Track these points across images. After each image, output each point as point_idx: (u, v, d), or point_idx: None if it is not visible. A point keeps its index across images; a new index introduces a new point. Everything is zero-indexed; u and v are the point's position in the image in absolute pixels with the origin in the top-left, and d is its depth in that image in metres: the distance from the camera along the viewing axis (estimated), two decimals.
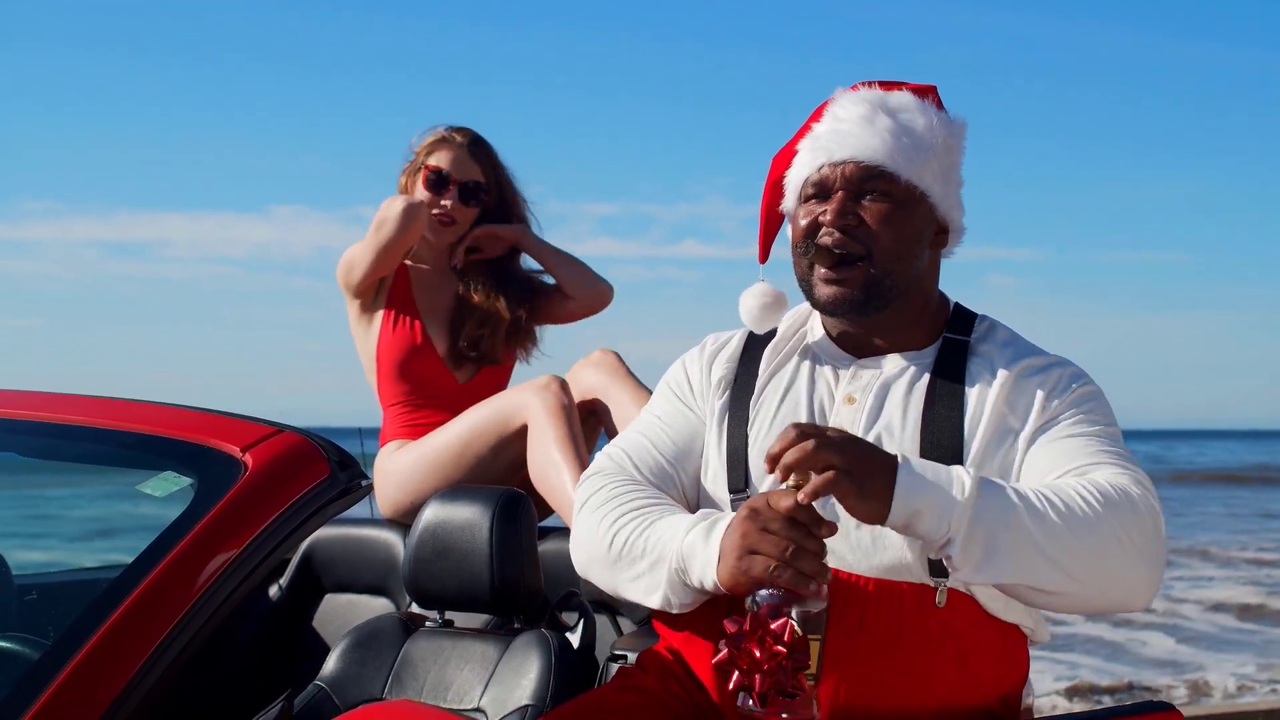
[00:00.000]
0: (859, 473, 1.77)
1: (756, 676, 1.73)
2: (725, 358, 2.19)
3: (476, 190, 3.50)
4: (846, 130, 2.07)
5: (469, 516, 2.62)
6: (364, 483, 2.04)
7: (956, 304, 2.20)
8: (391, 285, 3.52)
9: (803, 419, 2.06)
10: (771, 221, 2.23)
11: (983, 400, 2.02)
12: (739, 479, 2.06)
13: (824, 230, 2.06)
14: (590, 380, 3.26)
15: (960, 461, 1.97)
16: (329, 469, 1.96)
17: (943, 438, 1.99)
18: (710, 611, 2.01)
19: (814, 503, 1.78)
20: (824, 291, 2.07)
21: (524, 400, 3.17)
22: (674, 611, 1.99)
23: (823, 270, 2.07)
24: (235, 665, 3.30)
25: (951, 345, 2.10)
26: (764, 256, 2.24)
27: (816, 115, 2.15)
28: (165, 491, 1.88)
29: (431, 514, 2.65)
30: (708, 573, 1.87)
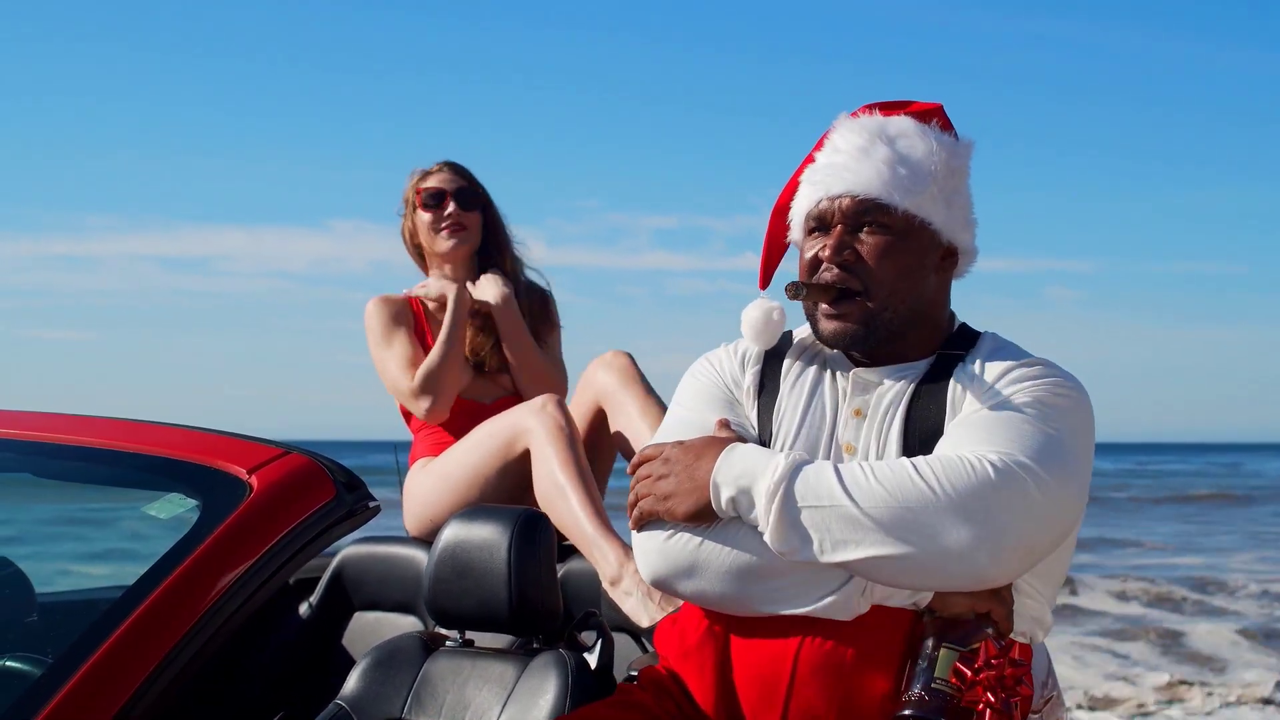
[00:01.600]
0: (681, 483, 1.96)
1: (1003, 696, 1.88)
2: (752, 361, 2.19)
3: (472, 193, 3.63)
4: (842, 164, 2.07)
5: (488, 536, 2.62)
6: (371, 504, 2.05)
7: (963, 324, 2.19)
8: (412, 325, 3.60)
9: (823, 437, 2.07)
10: (774, 249, 2.23)
11: (960, 399, 2.02)
12: None
13: (823, 266, 2.07)
14: (602, 381, 3.28)
15: None
16: (335, 491, 1.97)
17: (923, 435, 2.00)
18: (708, 632, 2.02)
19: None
20: (825, 327, 2.09)
21: (523, 424, 3.21)
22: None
23: (823, 305, 2.08)
24: (265, 682, 3.33)
25: (945, 359, 2.09)
26: (765, 283, 2.24)
27: (820, 144, 2.15)
28: (170, 513, 1.90)
29: (451, 534, 2.66)
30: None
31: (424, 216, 3.59)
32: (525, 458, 3.19)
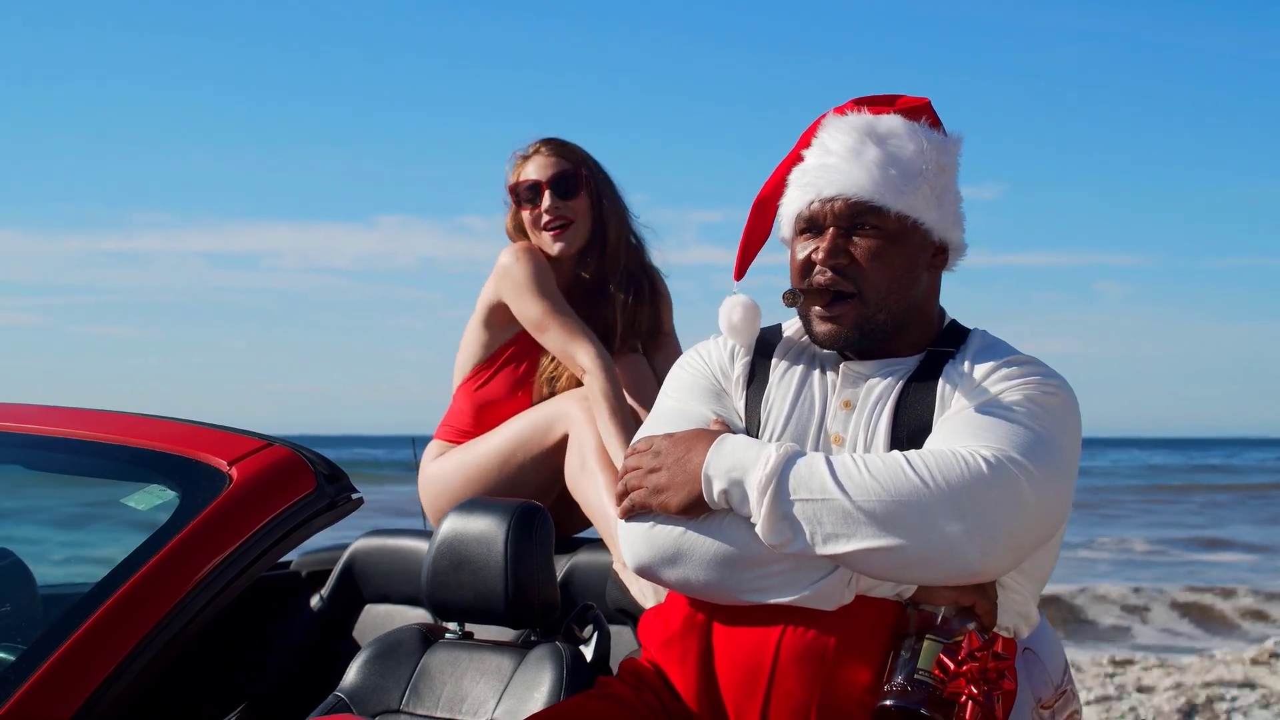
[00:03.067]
0: (673, 476, 1.96)
1: (986, 689, 1.87)
2: (742, 352, 2.19)
3: (569, 178, 3.31)
4: (834, 165, 2.06)
5: (485, 529, 2.63)
6: (354, 496, 2.06)
7: (952, 320, 2.18)
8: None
9: (811, 427, 2.07)
10: (752, 242, 2.22)
11: (950, 394, 2.02)
12: None
13: (817, 269, 2.06)
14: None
15: None
16: (316, 483, 1.98)
17: (911, 429, 2.00)
18: (691, 621, 2.02)
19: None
20: (819, 329, 2.09)
21: (565, 409, 3.14)
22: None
23: (817, 308, 2.08)
24: (277, 674, 3.35)
25: (935, 355, 2.09)
26: (740, 274, 2.24)
27: (806, 139, 2.14)
28: (149, 505, 1.92)
29: (449, 526, 2.67)
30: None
31: (525, 215, 3.32)
32: (563, 446, 3.11)
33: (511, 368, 3.36)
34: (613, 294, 3.34)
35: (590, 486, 3.04)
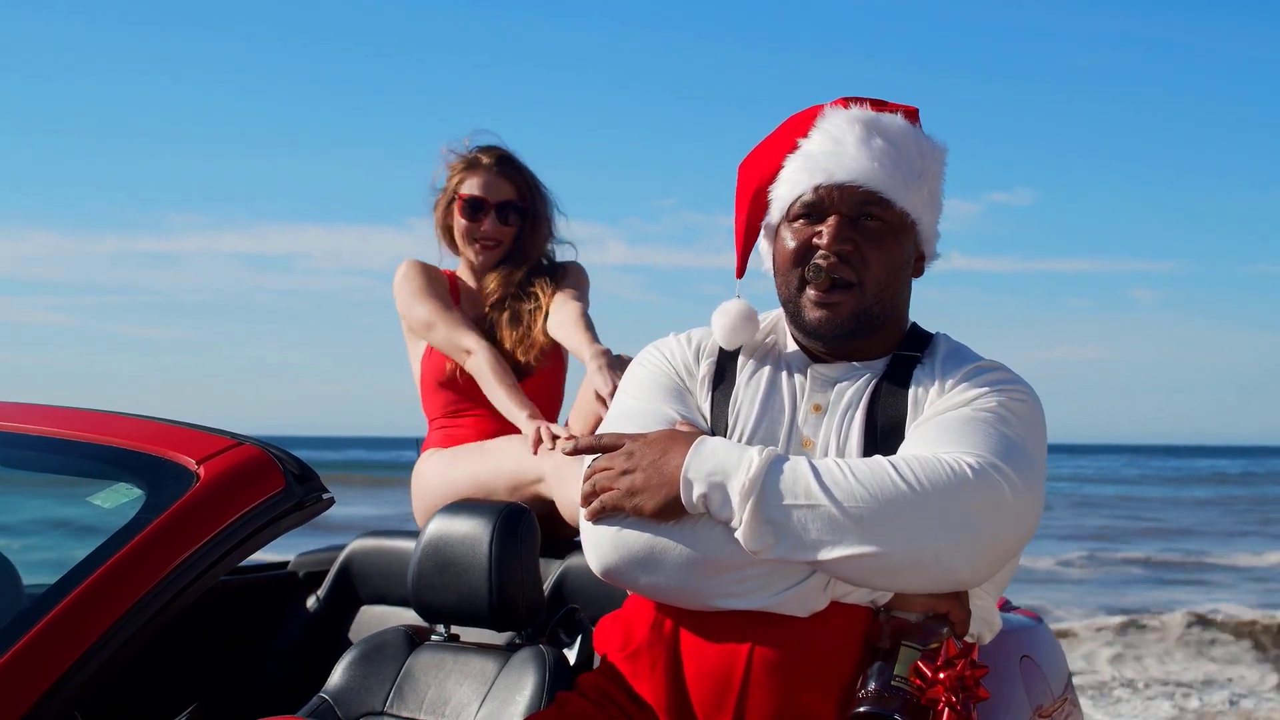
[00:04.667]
0: (649, 478, 1.91)
1: (962, 696, 1.84)
2: (706, 352, 2.15)
3: (511, 209, 3.51)
4: (844, 152, 2.02)
5: (469, 531, 2.62)
6: (325, 496, 2.04)
7: (913, 324, 2.16)
8: (447, 297, 3.54)
9: (781, 430, 2.03)
10: (750, 235, 2.17)
11: (921, 399, 2.00)
12: None
13: (820, 253, 2.02)
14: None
15: None
16: (284, 482, 1.96)
17: (883, 433, 1.98)
18: (656, 629, 1.99)
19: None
20: (813, 315, 2.04)
21: (539, 469, 3.15)
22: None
23: (814, 293, 2.03)
24: (272, 674, 3.35)
25: (901, 359, 2.07)
26: (741, 271, 2.19)
27: (800, 129, 2.09)
28: (115, 503, 1.91)
29: (434, 528, 2.66)
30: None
31: (460, 221, 3.51)
32: (537, 493, 3.17)
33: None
34: (514, 302, 3.49)
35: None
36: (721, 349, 2.14)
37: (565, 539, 3.25)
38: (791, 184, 2.06)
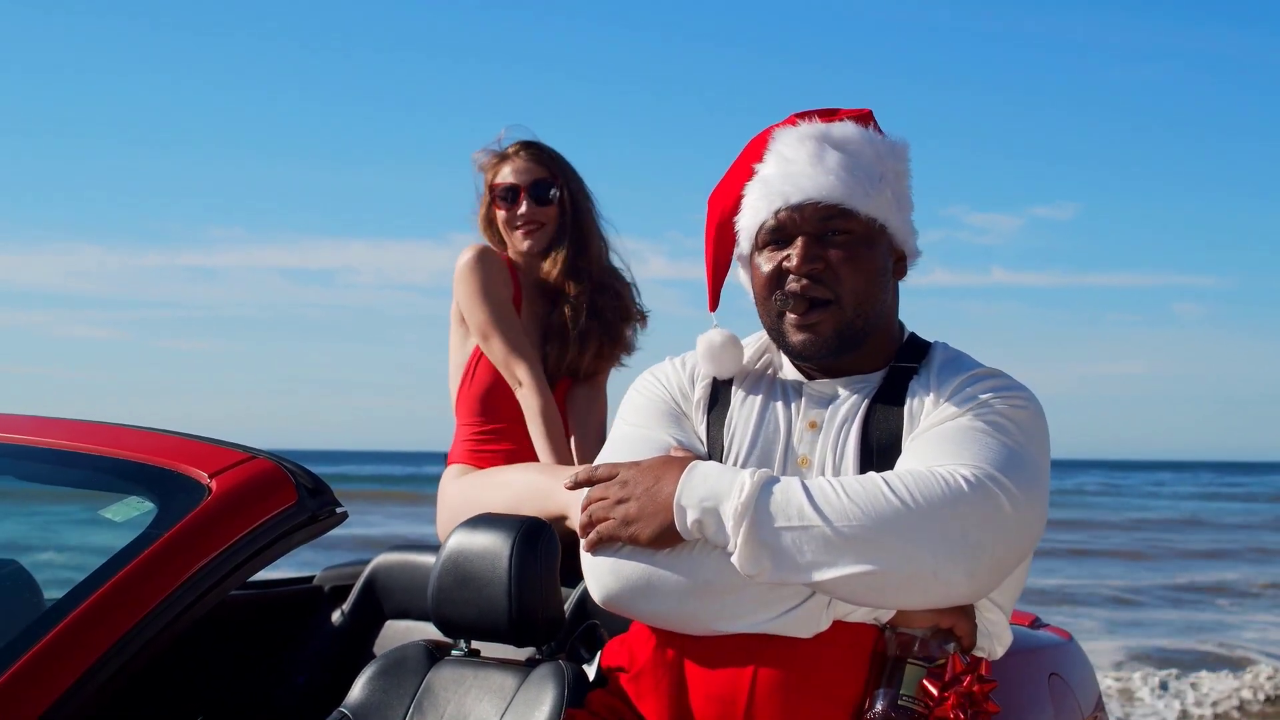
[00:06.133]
0: (643, 506, 1.90)
1: (972, 711, 1.83)
2: (701, 375, 2.14)
3: (546, 187, 3.48)
4: (798, 171, 2.01)
5: (489, 545, 2.60)
6: (338, 510, 2.04)
7: (911, 334, 2.13)
8: (512, 290, 3.48)
9: (777, 450, 2.02)
10: (719, 267, 2.17)
11: (917, 411, 1.97)
12: None
13: (791, 277, 2.01)
14: None
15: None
16: (296, 496, 1.96)
17: (880, 448, 1.95)
18: (659, 653, 1.97)
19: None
20: (796, 338, 2.03)
21: (563, 504, 3.10)
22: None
23: (793, 317, 2.02)
24: (299, 689, 3.35)
25: (898, 371, 2.04)
26: (714, 304, 2.19)
27: (755, 155, 2.08)
28: (126, 516, 1.91)
29: (454, 542, 2.64)
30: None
31: (499, 213, 3.49)
32: (561, 529, 3.11)
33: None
34: (572, 293, 3.46)
35: None
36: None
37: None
38: (753, 211, 2.06)
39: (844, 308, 2.00)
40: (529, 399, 3.32)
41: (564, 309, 3.45)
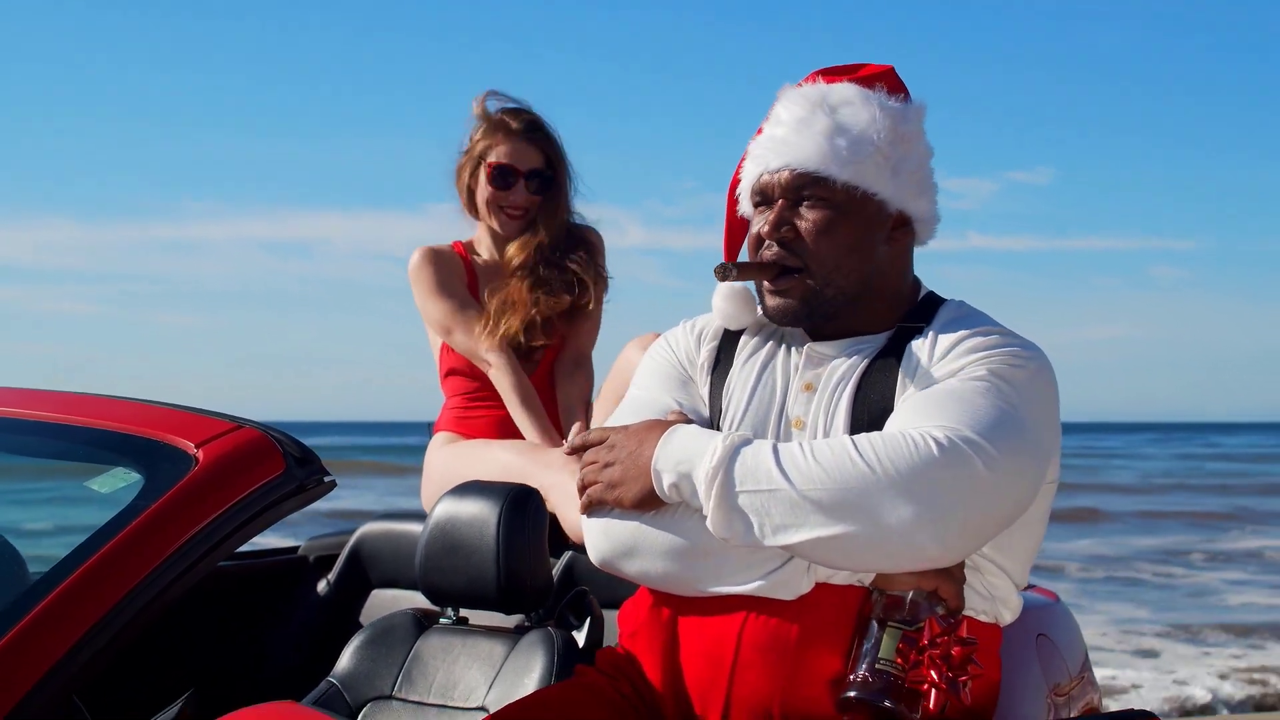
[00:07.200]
0: (626, 470, 1.92)
1: (949, 675, 1.82)
2: (709, 337, 2.15)
3: (542, 177, 3.44)
4: (781, 136, 2.01)
5: (478, 512, 2.59)
6: (326, 479, 2.02)
7: (929, 292, 2.11)
8: (463, 278, 3.51)
9: (772, 412, 2.01)
10: (734, 225, 2.18)
11: (912, 372, 1.95)
12: None
13: (765, 243, 2.01)
14: (635, 364, 3.21)
15: None
16: (284, 465, 1.95)
17: (872, 410, 1.94)
18: (655, 612, 1.99)
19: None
20: (769, 303, 2.04)
21: (541, 484, 3.05)
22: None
23: (765, 283, 2.03)
24: (284, 659, 3.34)
25: (904, 331, 2.02)
26: (729, 260, 2.19)
27: (769, 115, 2.09)
28: (113, 488, 1.90)
29: (442, 510, 2.64)
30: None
31: (486, 189, 3.43)
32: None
33: None
34: (535, 270, 3.43)
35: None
36: (726, 333, 2.13)
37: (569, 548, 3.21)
38: (747, 174, 2.08)
39: (812, 276, 1.99)
40: (500, 379, 3.33)
41: (519, 282, 3.42)
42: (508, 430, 3.39)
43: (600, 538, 1.98)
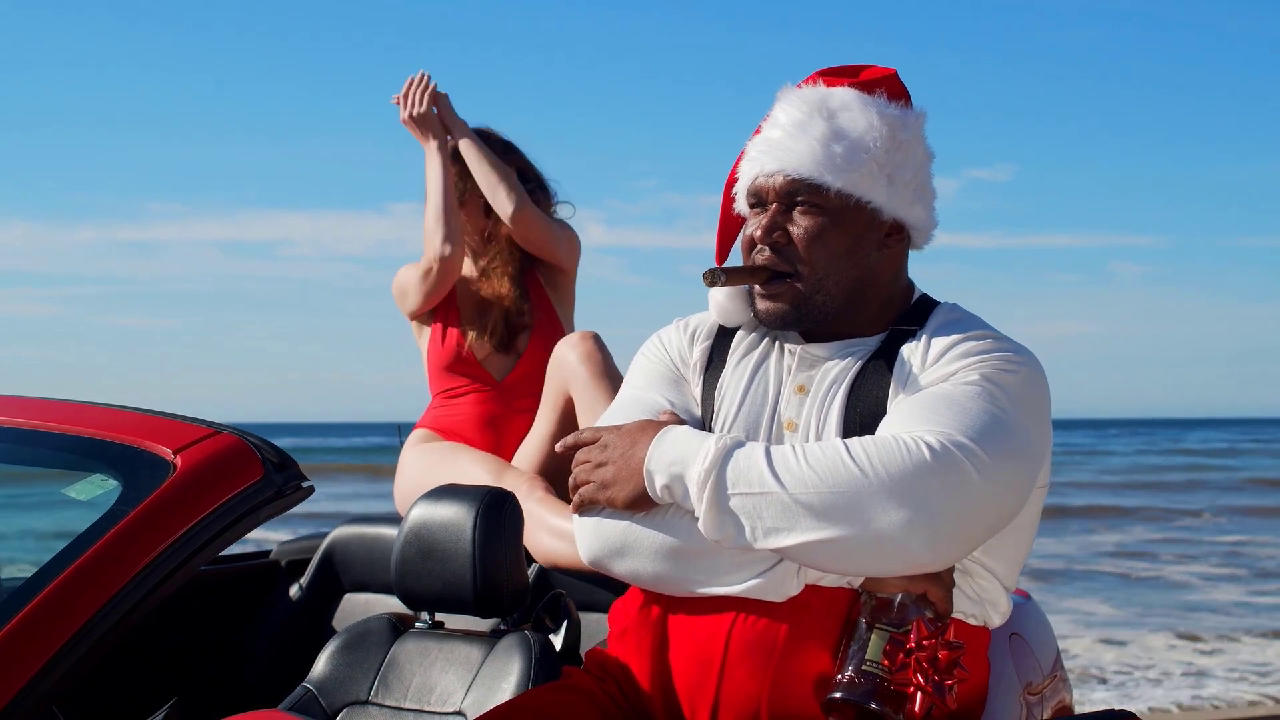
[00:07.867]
0: (619, 470, 1.92)
1: (936, 678, 1.82)
2: (702, 337, 2.15)
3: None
4: (777, 140, 2.01)
5: (453, 516, 2.59)
6: (304, 485, 2.02)
7: (922, 295, 2.12)
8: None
9: (765, 414, 2.02)
10: (729, 224, 2.18)
11: (904, 375, 1.96)
12: None
13: (757, 247, 2.02)
14: (568, 363, 3.23)
15: None
16: (263, 471, 1.94)
17: (865, 414, 1.95)
18: (644, 611, 2.00)
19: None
20: (759, 307, 2.05)
21: (514, 489, 3.11)
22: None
23: (756, 287, 2.04)
24: (256, 663, 3.32)
25: (896, 334, 2.03)
26: (721, 257, 2.19)
27: (769, 115, 2.09)
28: (90, 495, 1.88)
29: (417, 514, 2.63)
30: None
31: (476, 220, 3.61)
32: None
33: (440, 324, 3.59)
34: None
35: (555, 544, 3.03)
36: (720, 330, 2.14)
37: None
38: (743, 176, 2.08)
39: (802, 281, 1.99)
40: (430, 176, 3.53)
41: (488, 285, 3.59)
42: (484, 426, 3.43)
43: (591, 538, 1.98)
